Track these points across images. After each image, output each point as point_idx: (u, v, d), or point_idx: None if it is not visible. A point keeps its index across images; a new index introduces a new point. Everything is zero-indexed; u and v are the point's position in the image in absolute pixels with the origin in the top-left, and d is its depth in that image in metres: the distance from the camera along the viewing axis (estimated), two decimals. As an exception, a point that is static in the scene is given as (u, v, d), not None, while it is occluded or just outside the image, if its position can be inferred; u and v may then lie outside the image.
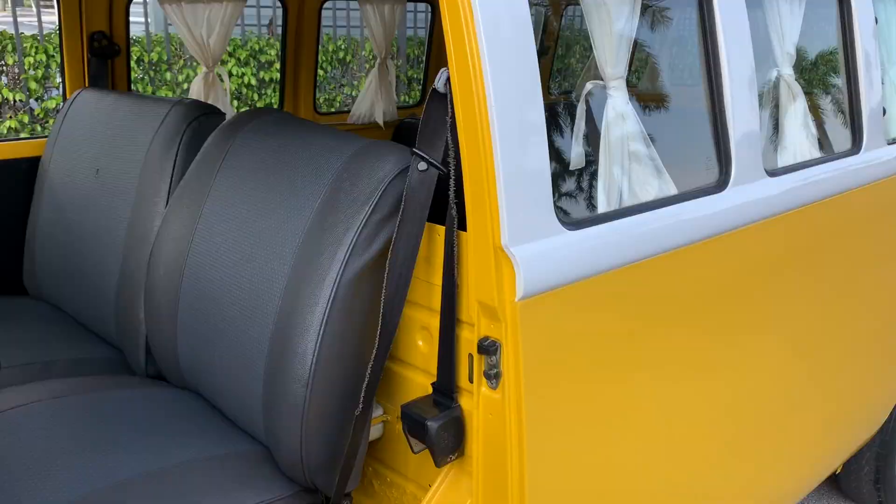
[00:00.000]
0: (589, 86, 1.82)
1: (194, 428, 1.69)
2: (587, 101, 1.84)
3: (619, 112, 1.70)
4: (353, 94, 8.52)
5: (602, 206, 1.70)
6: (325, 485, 1.59)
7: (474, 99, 1.32)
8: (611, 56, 1.68)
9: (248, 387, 1.65)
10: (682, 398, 1.78)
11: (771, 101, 2.26)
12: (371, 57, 8.59)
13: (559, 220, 1.46)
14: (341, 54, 8.47)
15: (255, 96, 7.77)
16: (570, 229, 1.49)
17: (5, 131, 6.53)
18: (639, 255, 1.59)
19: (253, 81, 7.69)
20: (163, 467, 1.52)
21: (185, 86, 7.22)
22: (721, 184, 1.80)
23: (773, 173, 1.94)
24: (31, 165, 2.60)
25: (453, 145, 1.42)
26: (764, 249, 1.93)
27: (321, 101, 7.89)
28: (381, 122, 3.63)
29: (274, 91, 7.88)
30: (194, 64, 7.27)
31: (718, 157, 1.82)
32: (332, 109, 7.77)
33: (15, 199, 2.59)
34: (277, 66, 7.83)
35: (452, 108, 1.39)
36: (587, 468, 1.67)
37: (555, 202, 1.45)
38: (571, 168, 1.81)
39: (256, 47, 7.73)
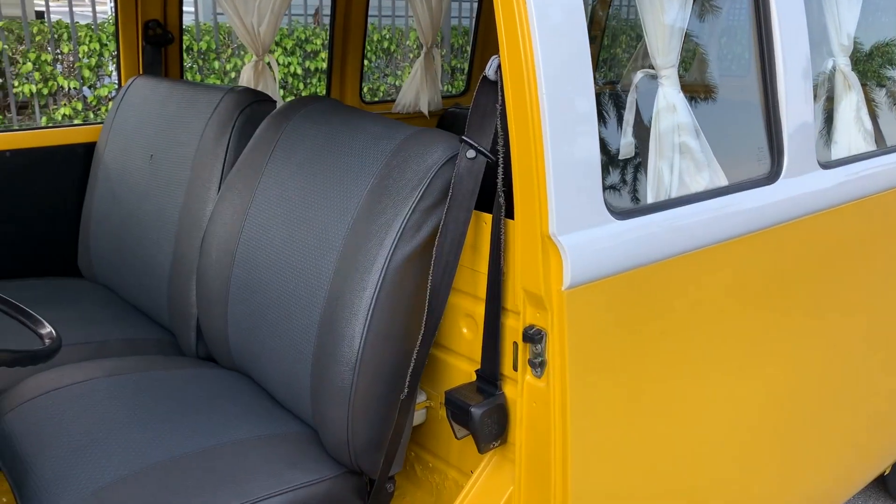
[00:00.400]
0: (639, 75, 1.81)
1: (243, 408, 1.73)
2: (637, 91, 1.83)
3: (669, 101, 1.69)
4: (397, 83, 8.55)
5: (651, 197, 1.69)
6: (370, 467, 1.61)
7: (525, 87, 1.32)
8: (662, 45, 1.66)
9: (296, 370, 1.68)
10: (726, 392, 1.77)
11: (825, 91, 2.21)
12: (415, 46, 8.60)
13: (608, 209, 1.46)
14: (385, 44, 8.50)
15: (301, 85, 7.85)
16: (618, 219, 1.48)
17: (60, 118, 6.71)
18: (687, 246, 1.58)
19: (299, 71, 7.76)
20: (214, 445, 1.56)
21: (233, 75, 7.33)
22: (772, 176, 1.78)
23: (826, 165, 1.90)
24: (86, 151, 2.67)
25: (503, 133, 1.43)
26: (815, 243, 1.90)
27: (365, 90, 7.93)
28: (425, 111, 3.65)
29: (319, 80, 7.95)
30: (242, 53, 7.37)
31: (770, 149, 1.79)
32: (376, 99, 7.80)
33: (71, 183, 2.66)
34: (322, 55, 7.89)
35: (503, 95, 1.39)
36: (629, 459, 1.67)
37: (604, 191, 1.45)
38: (620, 157, 1.81)
39: (302, 37, 7.81)
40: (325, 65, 7.86)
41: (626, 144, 1.81)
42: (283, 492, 1.49)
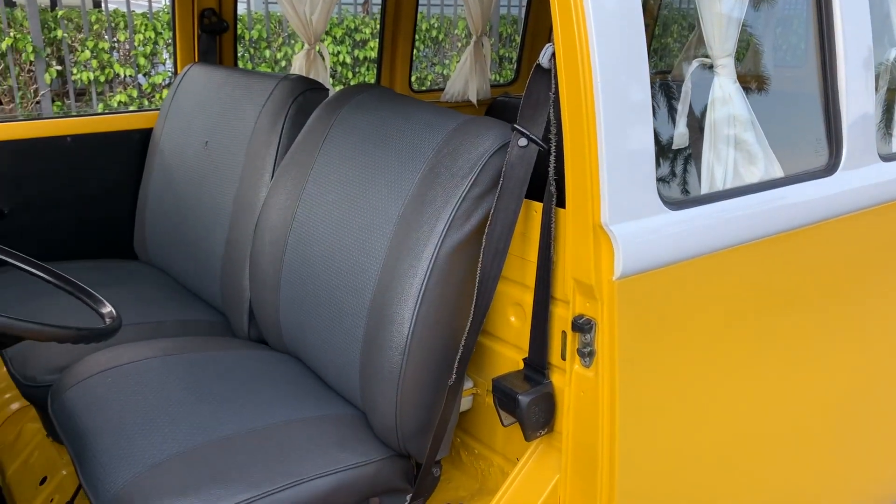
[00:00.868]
0: (694, 64, 1.78)
1: (294, 390, 1.76)
2: (691, 80, 1.80)
3: (725, 91, 1.66)
4: (444, 72, 8.55)
5: (705, 187, 1.67)
6: (417, 451, 1.63)
7: (580, 75, 1.32)
8: (719, 34, 1.64)
9: (346, 353, 1.71)
10: (777, 387, 1.74)
11: (886, 82, 2.15)
12: (463, 35, 8.59)
13: (661, 199, 1.44)
14: (434, 33, 8.50)
15: (350, 74, 7.90)
16: (671, 209, 1.47)
17: (116, 105, 6.86)
18: (741, 238, 1.56)
19: (348, 59, 7.82)
20: (265, 425, 1.60)
21: (284, 64, 7.41)
22: (831, 167, 1.74)
23: (887, 158, 1.85)
24: (143, 137, 2.73)
25: (555, 122, 1.42)
26: (873, 237, 1.85)
27: (412, 79, 7.95)
28: (474, 100, 3.65)
29: (367, 69, 8.00)
30: (292, 42, 7.45)
31: (829, 140, 1.76)
32: (423, 88, 7.82)
33: (128, 168, 2.73)
34: (371, 44, 7.93)
35: (556, 84, 1.39)
36: (677, 451, 1.66)
37: (657, 181, 1.44)
38: (674, 147, 1.79)
39: (352, 26, 7.86)
40: (373, 54, 7.90)
41: (679, 134, 1.79)
42: (332, 472, 1.52)
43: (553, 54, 1.38)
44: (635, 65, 1.38)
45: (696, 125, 1.79)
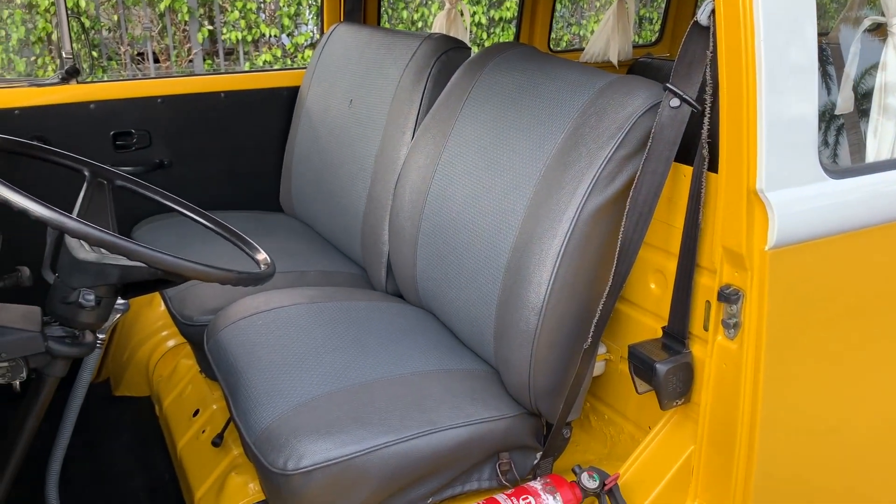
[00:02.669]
0: (865, 23, 1.66)
1: (429, 343, 1.81)
2: (861, 40, 1.68)
3: (901, 52, 1.54)
4: (581, 33, 8.35)
5: (871, 156, 1.56)
6: (549, 411, 1.65)
7: (741, 34, 1.26)
8: (897, -11, 1.51)
9: (481, 311, 1.73)
10: (941, 373, 1.63)
11: None
12: (602, -5, 8.34)
13: (822, 167, 1.37)
14: (572, -8, 8.30)
15: (484, 35, 7.86)
16: (833, 178, 1.39)
17: (261, 64, 7.16)
18: (909, 211, 1.45)
19: (483, 20, 7.77)
20: (402, 374, 1.66)
21: (420, 24, 7.47)
22: None
23: None
24: (290, 94, 2.85)
25: (712, 82, 1.37)
26: None
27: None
28: (615, 60, 3.55)
29: (502, 30, 7.92)
30: (429, 2, 7.49)
31: None
32: (559, 48, 7.68)
33: (276, 124, 2.86)
34: (507, 4, 7.84)
35: (714, 42, 1.33)
36: (819, 430, 1.59)
37: (818, 147, 1.36)
38: (837, 112, 1.68)
39: (489, -15, 7.79)
40: (508, 14, 7.81)
41: (844, 98, 1.67)
42: (465, 424, 1.56)
43: (713, 11, 1.32)
44: (801, 23, 1.30)
45: (864, 90, 1.67)
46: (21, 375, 1.35)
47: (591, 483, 1.52)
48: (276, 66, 7.12)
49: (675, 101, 1.42)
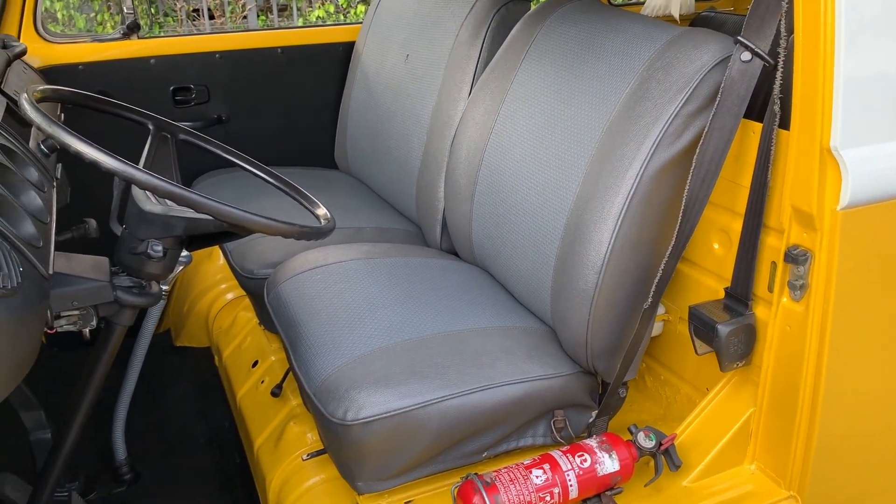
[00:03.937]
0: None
1: (484, 300, 1.81)
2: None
3: None
4: (639, -13, 8.11)
5: (954, 113, 1.49)
6: (605, 370, 1.64)
7: (821, -17, 1.20)
8: None
9: (539, 269, 1.72)
10: None
11: None
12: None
13: (902, 124, 1.31)
14: (630, -56, 8.04)
15: (538, -10, 7.69)
16: (912, 136, 1.33)
17: (314, 20, 7.14)
18: None
19: (537, -26, 7.60)
20: (458, 329, 1.67)
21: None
22: None
23: None
24: (345, 50, 2.83)
25: (786, 35, 1.32)
26: None
27: (604, -5, 7.59)
28: (676, 14, 3.43)
29: (557, -16, 7.74)
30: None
31: None
32: (619, 2, 7.47)
33: (331, 80, 2.85)
34: (563, -43, 7.64)
35: (791, -7, 1.28)
36: (884, 398, 1.55)
37: (898, 104, 1.30)
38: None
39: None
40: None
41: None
42: (521, 381, 1.57)
43: (790, -40, 1.27)
44: (886, -29, 1.24)
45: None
46: (91, 323, 1.39)
47: (647, 442, 1.52)
48: (329, 22, 7.09)
49: (747, 55, 1.37)
